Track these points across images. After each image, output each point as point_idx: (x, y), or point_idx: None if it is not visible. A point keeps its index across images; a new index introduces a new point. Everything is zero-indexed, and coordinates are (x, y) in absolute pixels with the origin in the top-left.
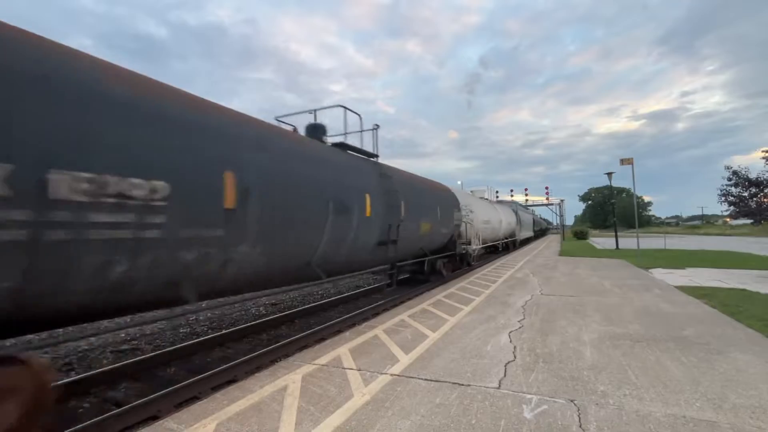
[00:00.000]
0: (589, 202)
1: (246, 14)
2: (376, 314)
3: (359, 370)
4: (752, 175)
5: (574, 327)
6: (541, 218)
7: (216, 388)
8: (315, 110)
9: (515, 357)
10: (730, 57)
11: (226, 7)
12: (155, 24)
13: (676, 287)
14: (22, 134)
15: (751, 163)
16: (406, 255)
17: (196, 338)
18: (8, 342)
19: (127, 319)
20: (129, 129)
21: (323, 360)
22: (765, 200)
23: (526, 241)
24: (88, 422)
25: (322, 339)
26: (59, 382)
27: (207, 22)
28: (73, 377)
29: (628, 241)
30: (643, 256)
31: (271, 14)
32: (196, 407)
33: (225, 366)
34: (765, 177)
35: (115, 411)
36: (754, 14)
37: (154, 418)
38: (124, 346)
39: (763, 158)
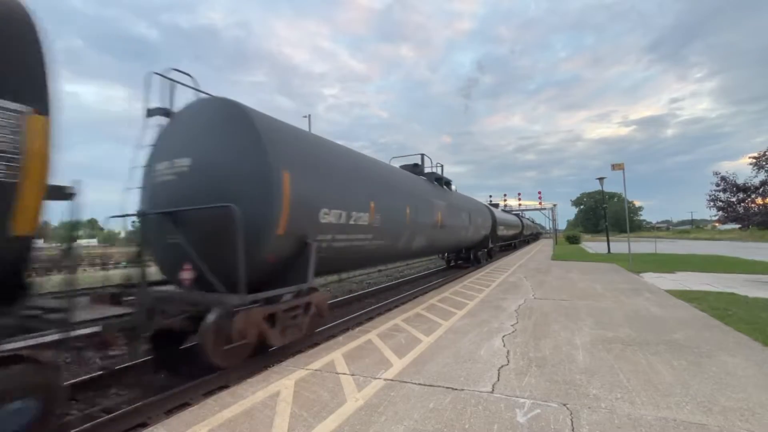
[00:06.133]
0: (582, 207)
1: (239, 17)
2: (370, 318)
3: (353, 375)
4: (740, 181)
5: (567, 331)
6: (534, 222)
7: (207, 394)
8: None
9: (508, 361)
10: (717, 65)
11: (219, 9)
12: (146, 26)
13: (667, 291)
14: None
15: (738, 168)
16: None
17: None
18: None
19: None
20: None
21: (316, 365)
22: (752, 205)
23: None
24: (76, 430)
25: (316, 344)
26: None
27: (199, 24)
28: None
29: (620, 245)
30: (634, 260)
31: (264, 17)
32: (186, 414)
33: (217, 371)
34: (752, 183)
35: (103, 418)
36: (740, 23)
37: (143, 425)
38: (115, 351)
39: (750, 164)
